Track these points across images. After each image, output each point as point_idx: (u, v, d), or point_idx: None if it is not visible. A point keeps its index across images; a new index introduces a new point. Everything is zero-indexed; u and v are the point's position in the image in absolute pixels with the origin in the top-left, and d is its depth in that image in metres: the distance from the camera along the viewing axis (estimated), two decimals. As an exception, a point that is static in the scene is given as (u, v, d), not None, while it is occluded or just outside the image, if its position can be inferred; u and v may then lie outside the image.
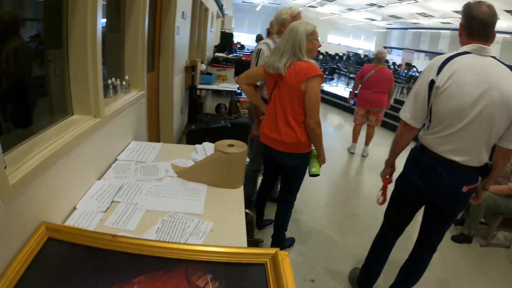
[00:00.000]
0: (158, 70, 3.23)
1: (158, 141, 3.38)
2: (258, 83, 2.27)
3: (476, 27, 1.46)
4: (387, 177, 1.87)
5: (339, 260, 2.48)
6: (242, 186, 1.59)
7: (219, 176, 1.54)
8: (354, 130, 5.03)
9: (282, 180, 2.20)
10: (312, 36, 1.82)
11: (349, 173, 4.54)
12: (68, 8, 1.33)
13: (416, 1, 12.99)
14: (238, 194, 1.52)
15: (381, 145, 5.67)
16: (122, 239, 0.97)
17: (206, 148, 1.99)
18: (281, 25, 2.36)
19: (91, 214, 1.21)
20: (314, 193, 3.48)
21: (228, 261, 0.95)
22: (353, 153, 5.08)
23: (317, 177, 2.07)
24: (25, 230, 0.94)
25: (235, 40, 14.90)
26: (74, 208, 1.25)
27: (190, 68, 4.04)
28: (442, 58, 1.49)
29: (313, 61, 1.83)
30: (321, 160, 1.99)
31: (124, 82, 2.09)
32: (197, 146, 2.02)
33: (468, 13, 1.48)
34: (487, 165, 1.58)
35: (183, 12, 3.68)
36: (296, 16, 2.31)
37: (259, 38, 3.86)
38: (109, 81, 1.85)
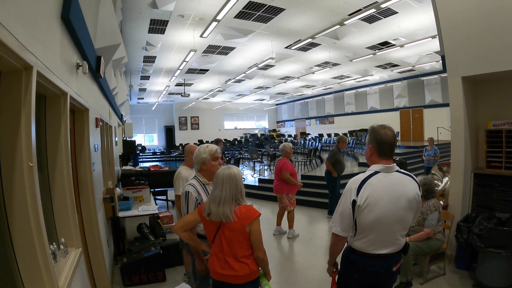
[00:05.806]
0: (81, 213, 3.00)
1: (95, 286, 3.14)
2: None
3: (386, 149, 1.88)
4: (334, 270, 2.15)
5: None
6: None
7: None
8: (277, 214, 5.58)
9: None
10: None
11: (284, 261, 4.60)
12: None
13: (298, 78, 15.08)
14: None
15: (301, 223, 6.13)
16: None
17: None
18: (202, 164, 2.49)
19: None
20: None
21: None
22: (275, 234, 5.50)
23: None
24: None
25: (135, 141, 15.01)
26: None
27: (109, 199, 3.87)
28: (358, 180, 1.85)
29: (249, 203, 2.08)
30: (268, 277, 2.18)
31: (62, 246, 1.98)
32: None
33: (378, 138, 1.89)
34: (405, 244, 1.97)
35: (95, 145, 3.60)
36: (214, 154, 2.49)
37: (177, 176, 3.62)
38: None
